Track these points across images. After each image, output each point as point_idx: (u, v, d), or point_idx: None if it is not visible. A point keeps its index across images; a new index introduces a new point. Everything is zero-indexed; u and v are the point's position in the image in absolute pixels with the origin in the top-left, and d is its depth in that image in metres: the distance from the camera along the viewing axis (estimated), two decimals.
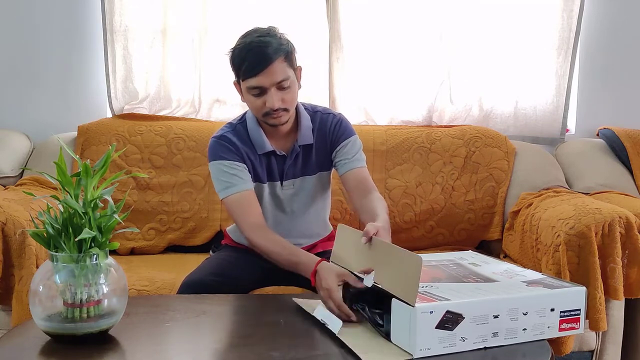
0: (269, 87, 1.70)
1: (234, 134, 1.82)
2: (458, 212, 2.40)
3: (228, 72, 1.79)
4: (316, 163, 1.88)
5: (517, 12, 2.61)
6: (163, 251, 2.36)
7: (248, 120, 1.84)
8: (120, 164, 2.36)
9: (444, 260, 1.60)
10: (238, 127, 1.84)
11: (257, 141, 1.82)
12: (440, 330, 1.22)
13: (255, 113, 1.78)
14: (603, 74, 2.74)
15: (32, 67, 2.62)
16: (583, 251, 1.86)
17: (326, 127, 1.87)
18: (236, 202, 1.76)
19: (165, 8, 2.53)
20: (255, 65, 1.68)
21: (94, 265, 1.24)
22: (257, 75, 1.69)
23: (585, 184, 2.43)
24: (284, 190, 1.87)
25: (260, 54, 1.68)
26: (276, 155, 1.84)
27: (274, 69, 1.69)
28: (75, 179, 1.25)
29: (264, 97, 1.71)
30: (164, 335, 1.37)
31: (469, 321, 1.24)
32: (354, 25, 2.58)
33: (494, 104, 2.66)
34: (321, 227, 1.99)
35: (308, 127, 1.85)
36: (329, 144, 1.88)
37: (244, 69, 1.70)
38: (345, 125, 1.90)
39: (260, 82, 1.69)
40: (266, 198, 1.87)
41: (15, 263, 1.82)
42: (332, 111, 1.93)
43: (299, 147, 1.84)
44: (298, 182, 1.88)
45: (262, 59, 1.68)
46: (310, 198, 1.91)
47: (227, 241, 2.00)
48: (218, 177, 1.78)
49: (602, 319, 1.84)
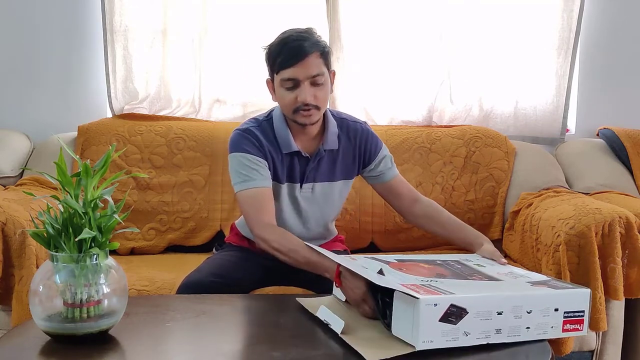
0: (303, 80, 1.69)
1: (259, 130, 1.79)
2: (458, 212, 2.39)
3: (228, 72, 1.80)
4: (340, 170, 1.87)
5: (517, 12, 2.61)
6: (163, 251, 2.36)
7: (275, 118, 1.82)
8: (120, 164, 2.36)
9: (449, 260, 1.60)
10: (264, 124, 1.81)
11: (284, 140, 1.79)
12: (443, 324, 1.21)
13: (286, 109, 1.76)
14: (603, 74, 2.74)
15: (32, 67, 2.62)
16: (583, 251, 1.86)
17: (355, 136, 1.87)
18: (252, 197, 1.72)
19: (165, 8, 2.53)
20: (292, 56, 1.68)
21: (94, 265, 1.24)
22: (293, 66, 1.68)
23: (585, 184, 2.43)
24: (302, 193, 1.84)
25: (298, 46, 1.69)
26: (300, 157, 1.81)
27: (310, 62, 1.69)
28: (75, 179, 1.24)
29: (297, 92, 1.70)
30: (164, 335, 1.37)
31: (472, 316, 1.23)
32: (354, 25, 2.58)
33: (494, 104, 2.66)
34: (329, 232, 1.98)
35: (334, 133, 1.83)
36: (359, 155, 1.88)
37: (280, 61, 1.70)
38: (373, 136, 1.92)
39: (295, 73, 1.69)
40: (282, 199, 1.84)
41: (15, 263, 1.82)
42: (358, 120, 1.93)
43: (324, 151, 1.82)
44: (318, 187, 1.85)
45: (299, 51, 1.68)
46: (327, 204, 1.89)
47: (232, 239, 1.98)
48: (237, 170, 1.74)
49: (602, 319, 1.84)
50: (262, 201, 1.72)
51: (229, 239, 1.99)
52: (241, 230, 1.95)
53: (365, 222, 2.37)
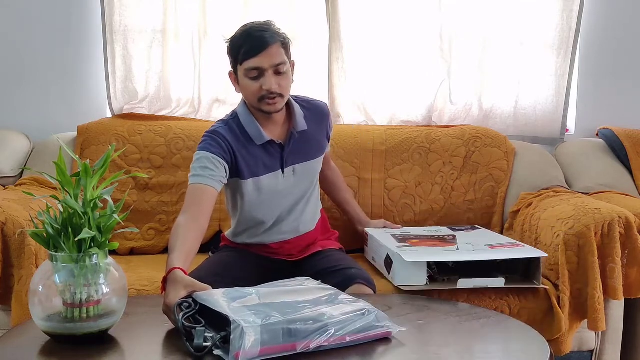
0: (267, 68, 1.75)
1: (227, 130, 1.83)
2: (458, 212, 2.40)
3: (228, 72, 1.81)
4: (315, 147, 1.94)
5: (517, 11, 2.60)
6: (163, 251, 2.36)
7: (240, 115, 1.86)
8: (119, 164, 2.36)
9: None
10: (230, 123, 1.85)
11: (254, 133, 1.83)
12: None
13: (251, 98, 1.80)
14: (603, 74, 2.74)
15: (31, 67, 2.61)
16: (582, 251, 1.86)
17: (320, 113, 1.96)
18: (192, 191, 1.73)
19: (165, 8, 2.53)
20: (256, 46, 1.74)
21: (93, 265, 1.24)
22: (256, 56, 1.74)
23: (584, 184, 2.43)
24: (285, 178, 1.88)
25: (261, 37, 1.75)
26: (274, 145, 1.86)
27: (273, 52, 1.75)
28: (74, 179, 1.25)
29: (261, 81, 1.76)
30: (163, 335, 1.37)
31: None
32: (353, 25, 2.58)
33: (493, 104, 2.66)
34: (317, 210, 2.02)
35: (301, 114, 1.89)
36: (325, 129, 1.98)
37: (244, 51, 1.75)
38: (330, 113, 2.03)
39: (259, 62, 1.74)
40: (265, 191, 1.86)
41: (15, 263, 1.82)
42: (316, 99, 2.02)
43: (296, 133, 1.87)
44: (299, 168, 1.89)
45: (262, 41, 1.74)
46: (311, 183, 1.95)
47: (226, 242, 2.00)
48: (193, 166, 1.78)
49: (601, 319, 1.84)
50: (199, 197, 1.72)
51: (225, 243, 2.01)
52: (230, 238, 1.98)
53: None
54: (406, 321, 1.37)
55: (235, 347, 1.15)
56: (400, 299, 1.71)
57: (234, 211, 1.93)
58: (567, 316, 1.86)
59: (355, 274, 1.74)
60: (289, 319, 1.21)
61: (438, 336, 1.41)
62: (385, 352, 1.26)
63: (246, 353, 1.14)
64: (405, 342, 1.28)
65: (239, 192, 1.86)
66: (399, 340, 1.28)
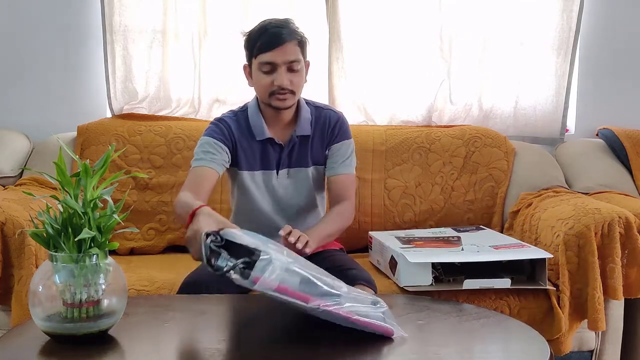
0: (281, 64, 1.77)
1: (233, 120, 1.89)
2: (457, 212, 2.40)
3: (228, 72, 1.82)
4: (312, 156, 1.92)
5: (517, 11, 2.61)
6: (163, 251, 2.36)
7: (249, 108, 1.91)
8: (119, 164, 2.36)
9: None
10: (239, 114, 1.92)
11: (257, 127, 1.87)
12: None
13: (262, 92, 1.83)
14: (603, 74, 2.74)
15: (31, 67, 2.61)
16: (582, 251, 1.86)
17: (326, 122, 1.93)
18: (193, 173, 1.82)
19: (165, 8, 2.53)
20: (271, 41, 1.77)
21: (93, 265, 1.24)
22: (271, 50, 1.77)
23: (584, 184, 2.43)
24: (279, 180, 1.90)
25: (277, 33, 1.78)
26: (273, 144, 1.88)
27: (288, 48, 1.78)
28: (74, 179, 1.24)
29: (274, 76, 1.79)
30: (164, 335, 1.37)
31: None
32: (353, 25, 2.58)
33: (493, 104, 2.66)
34: (307, 221, 1.97)
35: (307, 119, 1.90)
36: (327, 139, 1.93)
37: (259, 45, 1.78)
38: (345, 127, 1.95)
39: (273, 57, 1.77)
40: (258, 186, 1.89)
41: (15, 263, 1.82)
42: (333, 108, 2.00)
43: (296, 137, 1.88)
44: (292, 173, 1.91)
45: (278, 37, 1.78)
46: (305, 190, 1.93)
47: None
48: (197, 150, 1.85)
49: (601, 319, 1.84)
50: (200, 177, 1.80)
51: None
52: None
53: (364, 222, 2.37)
54: (406, 321, 1.37)
55: (257, 273, 1.19)
56: (402, 300, 1.72)
57: (232, 200, 2.00)
58: (567, 316, 1.86)
59: (356, 274, 1.74)
60: (312, 273, 1.26)
61: (438, 336, 1.40)
62: (385, 351, 1.26)
63: (265, 281, 1.18)
64: (405, 342, 1.28)
65: (236, 182, 1.93)
66: (399, 340, 1.28)
